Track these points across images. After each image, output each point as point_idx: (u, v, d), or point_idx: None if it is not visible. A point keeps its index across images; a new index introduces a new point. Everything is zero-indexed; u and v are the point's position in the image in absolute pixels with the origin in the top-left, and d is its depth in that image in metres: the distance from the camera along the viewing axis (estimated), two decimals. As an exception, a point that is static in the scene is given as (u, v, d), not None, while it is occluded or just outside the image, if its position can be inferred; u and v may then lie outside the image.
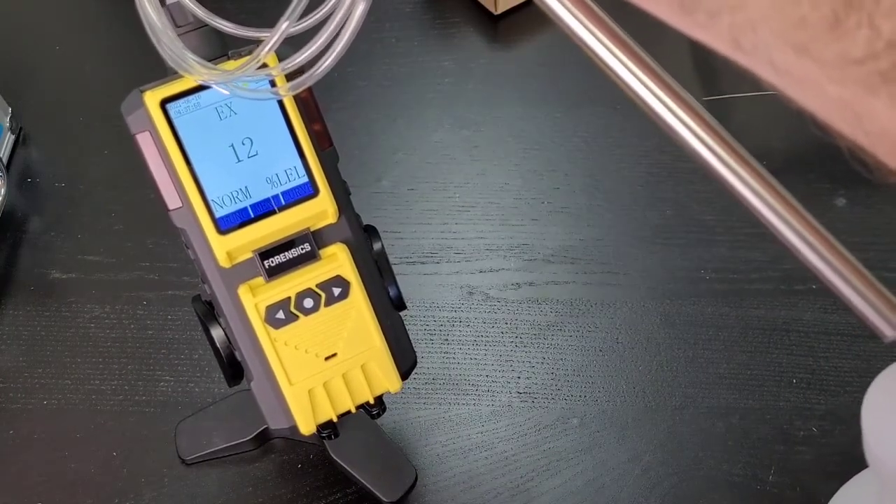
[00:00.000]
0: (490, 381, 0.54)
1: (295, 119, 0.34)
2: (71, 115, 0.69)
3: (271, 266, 0.34)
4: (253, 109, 0.33)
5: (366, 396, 0.35)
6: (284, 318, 0.34)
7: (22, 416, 0.54)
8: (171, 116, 0.33)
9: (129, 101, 0.33)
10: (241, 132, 0.34)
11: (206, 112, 0.33)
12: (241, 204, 0.34)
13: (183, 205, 0.34)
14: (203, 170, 0.33)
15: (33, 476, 0.52)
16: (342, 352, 0.35)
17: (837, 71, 0.20)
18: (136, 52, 0.75)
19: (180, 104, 0.33)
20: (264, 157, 0.34)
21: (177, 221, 0.34)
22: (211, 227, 0.33)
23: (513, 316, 0.56)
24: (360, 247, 0.35)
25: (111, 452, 0.52)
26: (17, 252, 0.61)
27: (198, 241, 0.34)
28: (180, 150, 0.33)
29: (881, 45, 0.19)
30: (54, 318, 0.58)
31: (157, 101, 0.33)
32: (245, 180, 0.34)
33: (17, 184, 0.65)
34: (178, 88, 0.33)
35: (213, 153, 0.33)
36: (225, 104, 0.33)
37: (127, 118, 0.33)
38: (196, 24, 0.33)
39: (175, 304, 0.58)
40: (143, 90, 0.33)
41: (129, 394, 0.55)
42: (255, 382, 0.35)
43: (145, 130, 0.33)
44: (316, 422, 0.35)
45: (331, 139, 0.35)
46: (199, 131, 0.33)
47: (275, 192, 0.34)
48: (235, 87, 0.28)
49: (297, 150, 0.34)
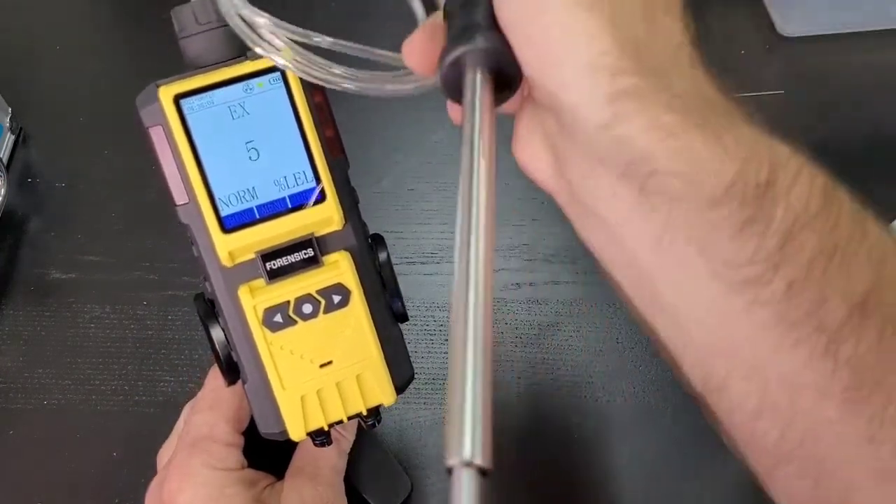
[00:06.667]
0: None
1: (307, 123, 0.34)
2: (71, 115, 0.69)
3: (273, 269, 0.34)
4: (266, 111, 0.33)
5: (359, 407, 0.35)
6: (282, 322, 0.34)
7: (22, 416, 0.54)
8: (185, 112, 0.33)
9: (145, 95, 0.33)
10: (253, 133, 0.33)
11: (220, 110, 0.33)
12: (247, 204, 0.34)
13: (190, 201, 0.33)
14: (212, 167, 0.33)
15: (33, 476, 0.52)
16: (338, 360, 0.34)
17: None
18: (136, 51, 0.75)
19: (194, 101, 0.33)
20: (274, 159, 0.34)
21: (183, 217, 0.34)
22: (215, 225, 0.33)
23: (513, 316, 0.56)
24: (365, 255, 0.35)
25: (111, 453, 0.52)
26: (17, 252, 0.61)
27: (201, 238, 0.34)
28: (191, 146, 0.33)
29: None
30: (54, 319, 0.58)
31: (171, 96, 0.33)
32: (253, 181, 0.34)
33: (17, 184, 0.64)
34: (193, 85, 0.33)
35: (224, 152, 0.33)
36: (238, 103, 0.33)
37: (140, 111, 0.33)
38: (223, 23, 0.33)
39: (175, 304, 0.58)
40: (160, 84, 0.33)
41: (129, 394, 0.55)
42: (249, 384, 0.35)
43: (158, 124, 0.33)
44: (307, 429, 0.35)
45: (342, 147, 0.35)
46: (211, 129, 0.33)
47: (282, 194, 0.34)
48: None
49: (308, 154, 0.34)
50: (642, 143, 0.24)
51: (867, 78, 0.67)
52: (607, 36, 0.25)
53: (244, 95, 0.33)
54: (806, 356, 0.25)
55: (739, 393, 0.26)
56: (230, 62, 0.34)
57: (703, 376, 0.27)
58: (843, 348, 0.24)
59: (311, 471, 0.39)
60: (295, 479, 0.38)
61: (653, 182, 0.25)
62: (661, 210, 0.25)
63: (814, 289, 0.24)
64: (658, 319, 0.28)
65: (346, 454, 0.40)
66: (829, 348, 0.24)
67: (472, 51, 0.27)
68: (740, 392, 0.26)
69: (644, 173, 0.25)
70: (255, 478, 0.38)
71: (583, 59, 0.25)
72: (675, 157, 0.24)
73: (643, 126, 0.24)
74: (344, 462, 0.40)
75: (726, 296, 0.25)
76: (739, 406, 0.26)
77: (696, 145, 0.24)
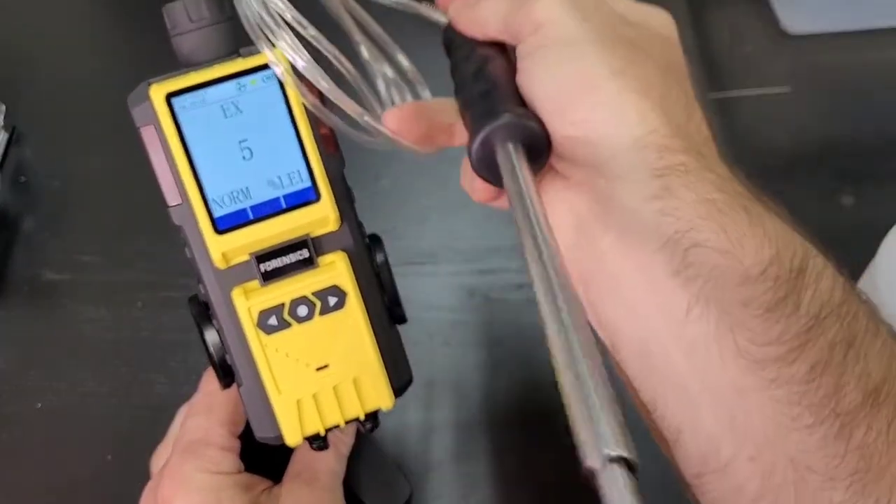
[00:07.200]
0: (490, 384, 0.53)
1: (301, 121, 0.33)
2: (65, 113, 0.68)
3: (267, 270, 0.33)
4: (259, 109, 0.33)
5: (356, 412, 0.34)
6: (277, 325, 0.33)
7: (15, 419, 0.54)
8: (176, 111, 0.32)
9: (136, 94, 0.33)
10: (246, 131, 0.33)
11: (212, 109, 0.32)
12: (240, 204, 0.33)
13: (182, 202, 0.33)
14: (204, 168, 0.32)
15: (27, 480, 0.52)
16: (334, 364, 0.34)
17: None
18: (131, 50, 0.75)
19: (186, 99, 0.32)
20: (267, 158, 0.33)
21: (175, 218, 0.33)
22: (208, 226, 0.33)
23: (514, 317, 0.56)
24: (362, 256, 0.34)
25: (105, 456, 0.52)
26: (10, 252, 0.61)
27: (195, 239, 0.33)
28: (182, 146, 0.32)
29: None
30: (48, 320, 0.57)
31: (162, 94, 0.32)
32: (246, 181, 0.33)
33: (9, 183, 0.64)
34: (185, 83, 0.32)
35: (216, 151, 0.33)
36: (231, 102, 0.33)
37: (132, 110, 0.32)
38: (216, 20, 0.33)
39: (170, 305, 0.57)
40: (151, 83, 0.32)
41: (123, 396, 0.54)
42: (244, 388, 0.34)
43: (149, 124, 0.32)
44: (303, 434, 0.34)
45: (337, 144, 0.34)
46: (204, 128, 0.32)
47: (276, 194, 0.33)
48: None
49: (302, 153, 0.33)
50: (690, 217, 0.26)
51: (873, 75, 0.67)
52: (656, 117, 0.27)
53: (237, 93, 0.33)
54: (820, 438, 0.25)
55: (743, 474, 0.26)
56: (223, 59, 0.33)
57: (704, 456, 0.27)
58: (856, 433, 0.25)
59: (309, 475, 0.38)
60: (292, 484, 0.38)
61: (693, 254, 0.26)
62: (695, 282, 0.26)
63: (834, 373, 0.25)
64: (666, 395, 0.28)
65: (344, 458, 0.40)
66: (843, 432, 0.25)
67: (507, 125, 0.28)
68: (744, 473, 0.26)
69: (686, 246, 0.26)
70: (252, 482, 0.37)
71: (632, 135, 0.26)
72: (721, 232, 0.26)
73: (692, 200, 0.26)
74: (342, 466, 0.39)
75: (748, 372, 0.26)
76: (739, 489, 0.27)
77: (741, 225, 0.26)
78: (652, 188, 0.26)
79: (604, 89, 0.27)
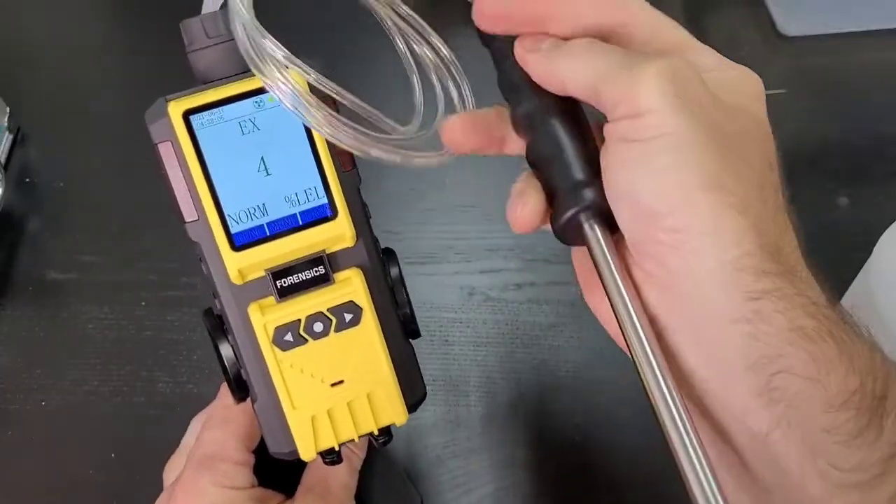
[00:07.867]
0: (490, 383, 0.53)
1: (318, 138, 0.33)
2: (69, 115, 0.68)
3: (283, 286, 0.33)
4: (276, 126, 0.33)
5: (370, 427, 0.34)
6: (293, 341, 0.33)
7: (20, 417, 0.54)
8: (194, 128, 0.32)
9: (154, 110, 0.33)
10: (263, 148, 0.33)
11: (229, 126, 0.32)
12: (257, 221, 0.33)
13: (199, 218, 0.33)
14: (222, 184, 0.32)
15: (31, 478, 0.52)
16: (349, 379, 0.34)
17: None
18: (134, 52, 0.75)
19: (204, 116, 0.32)
20: (285, 175, 0.33)
21: (192, 234, 0.33)
22: (225, 243, 0.33)
23: (513, 317, 0.56)
24: (377, 272, 0.35)
25: (109, 454, 0.52)
26: (15, 252, 0.61)
27: (211, 255, 0.33)
28: (200, 163, 0.32)
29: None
30: (52, 319, 0.58)
31: (180, 112, 0.32)
32: (263, 197, 0.33)
33: (14, 183, 0.64)
34: (203, 100, 0.32)
35: (234, 168, 0.33)
36: (248, 119, 0.33)
37: (150, 126, 0.32)
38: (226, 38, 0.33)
39: (173, 305, 0.57)
40: (169, 99, 0.33)
41: (127, 395, 0.54)
42: (258, 403, 0.34)
43: (167, 140, 0.32)
44: (317, 449, 0.34)
45: (354, 160, 0.34)
46: (221, 145, 0.32)
47: (292, 211, 0.33)
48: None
49: (319, 170, 0.33)
50: (779, 343, 0.26)
51: (868, 77, 0.67)
52: (753, 239, 0.26)
53: (254, 111, 0.33)
54: None
55: None
56: (240, 76, 0.33)
57: None
58: None
59: (322, 489, 0.38)
60: (305, 498, 0.38)
61: (778, 379, 0.26)
62: (778, 405, 0.26)
63: None
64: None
65: (357, 472, 0.40)
66: None
67: (593, 206, 0.29)
68: None
69: (772, 371, 0.26)
70: (265, 496, 0.37)
71: (727, 256, 0.26)
72: (809, 361, 0.26)
73: (783, 326, 0.26)
74: (355, 480, 0.39)
75: (831, 495, 0.26)
76: None
77: (829, 354, 0.26)
78: (744, 311, 0.26)
79: (702, 204, 0.26)
